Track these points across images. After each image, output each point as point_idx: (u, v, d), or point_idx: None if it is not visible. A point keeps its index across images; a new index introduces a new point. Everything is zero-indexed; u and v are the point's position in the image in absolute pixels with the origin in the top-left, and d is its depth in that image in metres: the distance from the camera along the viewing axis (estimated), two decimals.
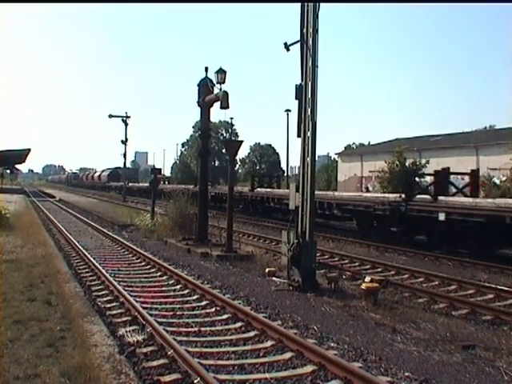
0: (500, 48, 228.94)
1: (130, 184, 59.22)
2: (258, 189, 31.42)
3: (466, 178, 44.25)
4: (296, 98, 11.32)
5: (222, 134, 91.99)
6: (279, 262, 13.42)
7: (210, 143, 27.25)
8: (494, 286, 11.19)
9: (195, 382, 5.56)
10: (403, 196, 18.61)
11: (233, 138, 55.83)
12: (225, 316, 8.44)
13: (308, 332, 7.64)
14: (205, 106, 17.35)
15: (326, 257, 15.37)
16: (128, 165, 73.89)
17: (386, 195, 21.18)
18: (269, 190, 31.14)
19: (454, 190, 21.96)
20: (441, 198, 18.34)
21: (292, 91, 11.35)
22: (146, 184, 55.64)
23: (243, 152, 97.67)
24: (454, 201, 17.78)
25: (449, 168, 22.37)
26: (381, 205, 18.70)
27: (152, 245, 17.69)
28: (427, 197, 18.80)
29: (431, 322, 8.46)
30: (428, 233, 17.96)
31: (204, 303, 9.34)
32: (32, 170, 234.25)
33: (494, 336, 7.85)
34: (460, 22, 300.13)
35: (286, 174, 64.34)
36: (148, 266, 13.15)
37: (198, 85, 17.44)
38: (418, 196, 19.08)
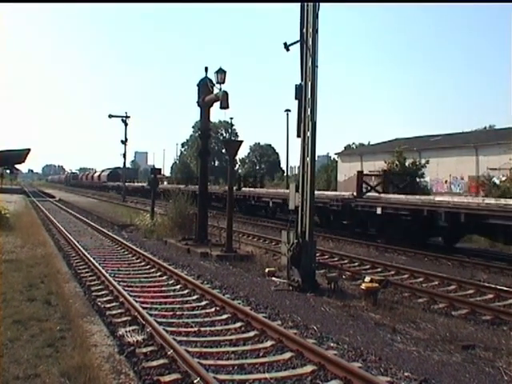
0: (500, 48, 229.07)
1: (126, 184, 59.40)
2: (243, 188, 33.67)
3: (466, 178, 44.39)
4: (296, 98, 11.31)
5: (221, 134, 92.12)
6: (279, 262, 13.42)
7: (210, 143, 27.49)
8: (493, 285, 11.19)
9: (195, 382, 5.55)
10: (354, 193, 21.23)
11: (232, 138, 55.87)
12: (224, 316, 8.44)
13: (308, 332, 7.63)
14: (205, 106, 17.34)
15: (326, 257, 15.36)
16: (128, 165, 73.99)
17: (342, 193, 23.96)
18: (251, 189, 33.37)
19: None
20: (383, 195, 21.22)
21: (292, 91, 11.36)
22: (141, 184, 56.06)
23: (243, 152, 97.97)
24: (393, 197, 20.42)
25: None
26: (335, 201, 20.87)
27: (152, 245, 17.69)
28: (376, 194, 21.32)
29: (431, 322, 8.45)
30: (371, 225, 20.12)
31: (204, 303, 9.34)
32: (32, 170, 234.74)
33: (493, 336, 7.85)
34: (460, 21, 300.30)
35: (285, 174, 64.39)
36: (148, 266, 13.15)
37: (198, 85, 17.43)
38: (369, 193, 21.80)
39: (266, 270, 12.37)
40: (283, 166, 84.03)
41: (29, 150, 38.27)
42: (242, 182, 35.65)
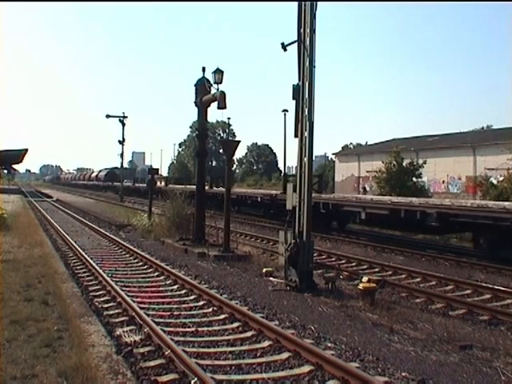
0: (498, 48, 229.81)
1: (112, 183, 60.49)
2: (214, 187, 37.83)
3: (463, 178, 44.67)
4: (293, 98, 11.31)
5: (219, 134, 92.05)
6: (276, 262, 13.41)
7: (207, 143, 27.71)
8: (491, 286, 11.21)
9: (192, 382, 5.55)
10: (282, 191, 25.29)
11: (230, 138, 55.87)
12: (222, 316, 8.44)
13: (305, 332, 7.64)
14: (202, 106, 17.33)
15: (323, 257, 15.37)
16: (125, 165, 73.81)
17: (274, 192, 29.23)
18: (218, 189, 36.37)
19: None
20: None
21: (289, 91, 11.36)
22: (126, 184, 56.78)
23: (240, 152, 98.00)
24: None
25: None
26: (266, 196, 27.62)
27: (149, 245, 17.67)
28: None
29: (428, 322, 8.47)
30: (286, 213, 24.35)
31: (201, 303, 9.33)
32: (29, 170, 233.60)
33: (491, 336, 7.86)
34: (458, 21, 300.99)
35: (283, 174, 64.38)
36: (145, 266, 13.13)
37: (196, 85, 17.42)
38: None
39: (264, 270, 12.38)
40: (281, 166, 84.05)
41: (26, 150, 38.04)
42: (213, 182, 39.29)
